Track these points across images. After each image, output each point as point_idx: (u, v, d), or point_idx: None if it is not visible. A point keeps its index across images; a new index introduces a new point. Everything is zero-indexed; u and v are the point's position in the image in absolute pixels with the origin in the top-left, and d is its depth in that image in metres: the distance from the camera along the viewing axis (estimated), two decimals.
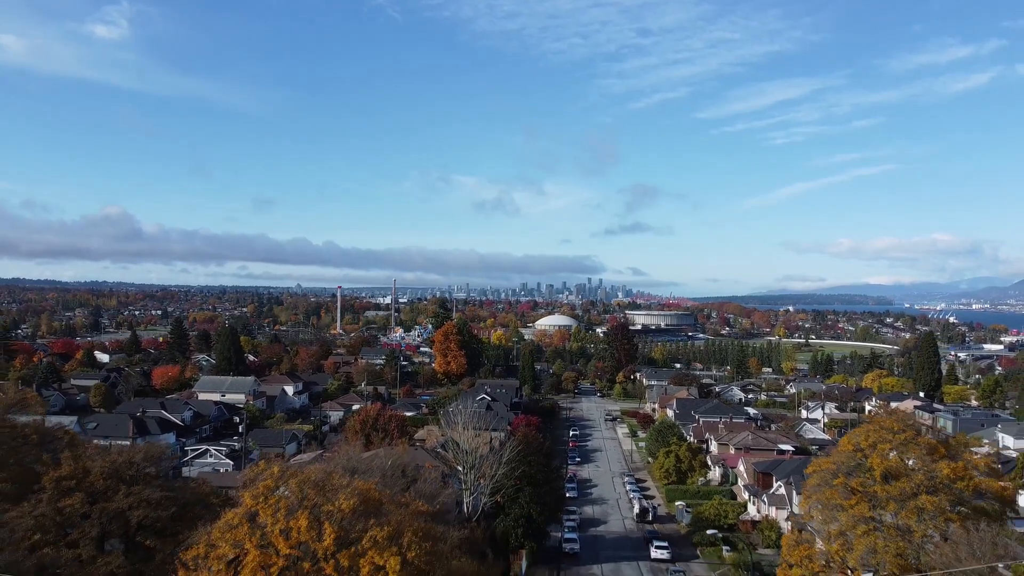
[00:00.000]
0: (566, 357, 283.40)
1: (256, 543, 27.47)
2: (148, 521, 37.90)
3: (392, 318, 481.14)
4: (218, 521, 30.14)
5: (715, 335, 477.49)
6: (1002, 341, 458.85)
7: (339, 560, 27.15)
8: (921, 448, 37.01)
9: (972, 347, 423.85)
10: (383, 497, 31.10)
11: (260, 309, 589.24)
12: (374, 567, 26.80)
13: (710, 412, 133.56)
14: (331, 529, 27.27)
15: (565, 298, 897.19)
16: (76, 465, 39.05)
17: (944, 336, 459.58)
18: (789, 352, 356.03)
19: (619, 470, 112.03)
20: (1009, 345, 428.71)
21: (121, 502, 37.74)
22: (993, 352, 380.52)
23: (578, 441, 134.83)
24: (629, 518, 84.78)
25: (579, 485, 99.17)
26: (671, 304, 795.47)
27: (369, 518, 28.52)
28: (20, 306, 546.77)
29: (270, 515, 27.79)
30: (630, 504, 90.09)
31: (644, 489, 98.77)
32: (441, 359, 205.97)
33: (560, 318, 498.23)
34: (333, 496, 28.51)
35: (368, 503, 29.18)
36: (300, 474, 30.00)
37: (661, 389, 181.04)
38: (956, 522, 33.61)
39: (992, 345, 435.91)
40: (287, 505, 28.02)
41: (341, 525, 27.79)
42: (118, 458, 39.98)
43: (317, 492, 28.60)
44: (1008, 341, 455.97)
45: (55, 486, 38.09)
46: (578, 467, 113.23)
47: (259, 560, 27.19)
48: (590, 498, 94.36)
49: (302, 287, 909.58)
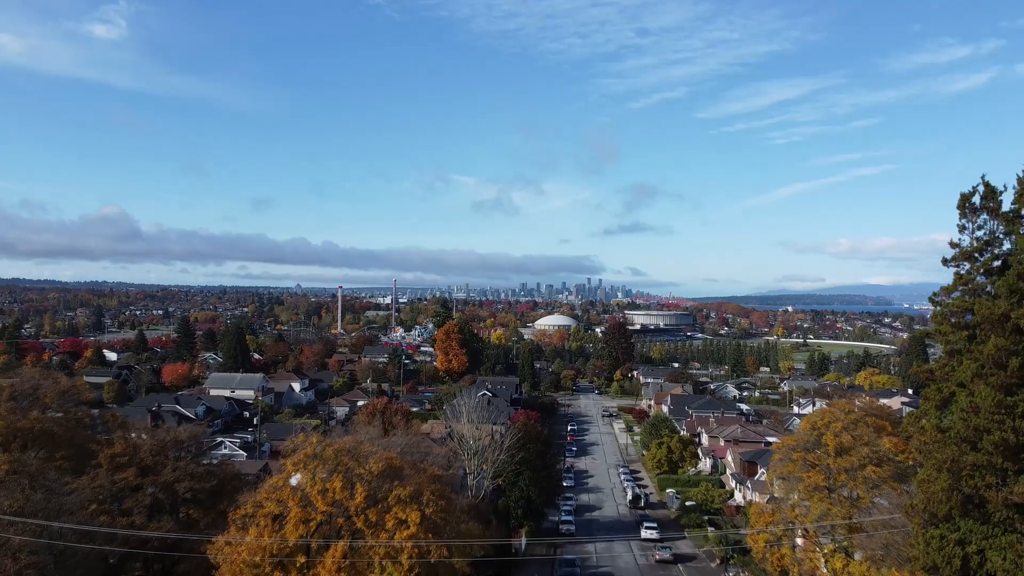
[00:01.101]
0: (565, 356, 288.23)
1: (298, 502, 32.59)
2: (192, 493, 42.98)
3: (393, 318, 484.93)
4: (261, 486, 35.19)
5: (713, 335, 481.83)
6: None
7: (368, 515, 32.28)
8: (868, 427, 42.07)
9: None
10: (404, 464, 36.28)
11: (261, 309, 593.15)
12: (398, 521, 31.91)
13: (703, 407, 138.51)
14: (362, 489, 32.41)
15: (564, 298, 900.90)
16: (128, 443, 44.12)
17: None
18: (787, 351, 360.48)
19: (614, 462, 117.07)
20: None
21: (168, 475, 42.84)
22: None
23: (576, 435, 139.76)
24: (623, 504, 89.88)
25: (576, 476, 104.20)
26: (670, 304, 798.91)
27: (393, 480, 33.70)
28: (22, 306, 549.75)
29: (309, 477, 32.94)
30: (624, 492, 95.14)
31: (638, 479, 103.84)
32: (443, 357, 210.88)
33: (559, 318, 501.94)
34: (364, 461, 33.65)
35: (392, 468, 34.29)
36: (335, 444, 35.13)
37: (657, 386, 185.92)
38: (897, 490, 38.63)
39: None
40: (323, 470, 33.14)
41: (370, 486, 32.94)
42: (166, 436, 45.14)
43: (350, 458, 33.67)
44: None
45: (110, 462, 43.19)
46: (575, 459, 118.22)
47: (300, 516, 32.31)
48: (586, 487, 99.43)
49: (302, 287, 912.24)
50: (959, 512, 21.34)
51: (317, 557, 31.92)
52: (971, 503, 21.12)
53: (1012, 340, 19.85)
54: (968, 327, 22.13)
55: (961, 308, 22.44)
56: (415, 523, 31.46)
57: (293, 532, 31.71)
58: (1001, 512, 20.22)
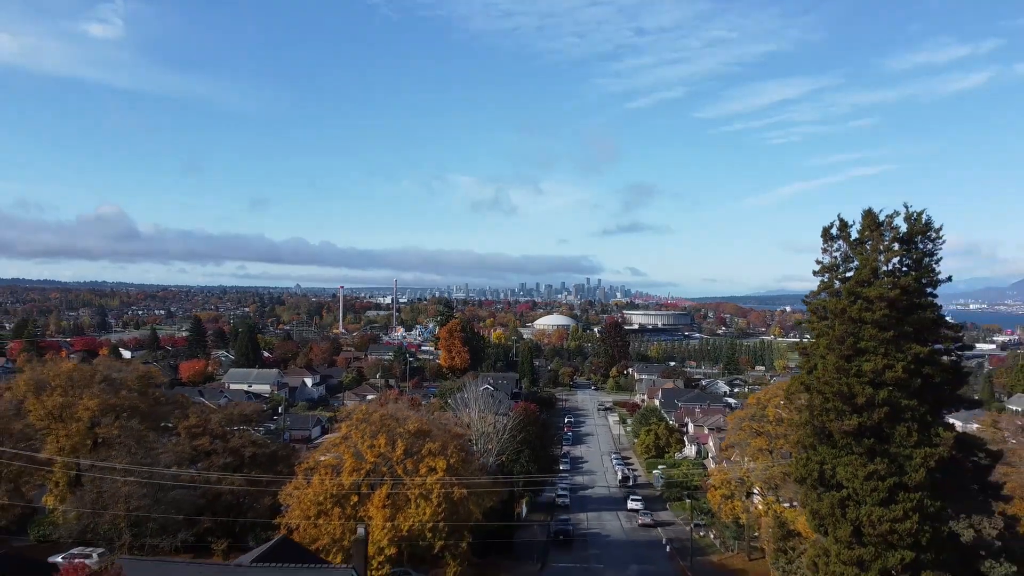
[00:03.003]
0: (564, 356, 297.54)
1: (351, 454, 42.34)
2: (255, 457, 52.81)
3: (393, 318, 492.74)
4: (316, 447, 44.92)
5: (711, 334, 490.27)
6: (994, 341, 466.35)
7: (406, 464, 42.02)
8: (801, 400, 51.73)
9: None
10: (432, 426, 46.04)
11: (262, 309, 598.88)
12: (429, 468, 41.63)
13: (691, 400, 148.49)
14: (401, 444, 42.13)
15: (564, 298, 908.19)
16: (200, 417, 53.98)
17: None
18: (782, 351, 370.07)
19: (608, 450, 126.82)
20: (1001, 344, 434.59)
21: (236, 442, 52.66)
22: (985, 351, 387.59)
23: (572, 427, 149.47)
24: (613, 485, 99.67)
25: (572, 461, 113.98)
26: (669, 304, 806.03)
27: (424, 438, 43.46)
28: (24, 306, 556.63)
29: (360, 435, 42.67)
30: (615, 474, 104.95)
31: (628, 463, 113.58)
32: (446, 354, 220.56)
33: (558, 318, 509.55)
34: (402, 423, 43.40)
35: (423, 429, 44.01)
36: (380, 410, 44.92)
37: (650, 382, 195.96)
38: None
39: (984, 345, 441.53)
40: (371, 430, 42.88)
41: (407, 441, 42.67)
42: (233, 410, 54.98)
43: (392, 421, 43.43)
44: (1000, 340, 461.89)
45: (187, 431, 53.04)
46: (572, 447, 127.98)
47: (353, 465, 42.07)
48: (581, 470, 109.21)
49: (301, 287, 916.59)
50: (816, 441, 30.90)
51: (366, 496, 41.57)
52: (823, 434, 30.58)
53: (849, 327, 29.39)
54: (826, 318, 31.73)
55: (822, 306, 32.04)
56: (442, 469, 41.12)
57: (348, 477, 41.33)
58: (842, 439, 29.81)
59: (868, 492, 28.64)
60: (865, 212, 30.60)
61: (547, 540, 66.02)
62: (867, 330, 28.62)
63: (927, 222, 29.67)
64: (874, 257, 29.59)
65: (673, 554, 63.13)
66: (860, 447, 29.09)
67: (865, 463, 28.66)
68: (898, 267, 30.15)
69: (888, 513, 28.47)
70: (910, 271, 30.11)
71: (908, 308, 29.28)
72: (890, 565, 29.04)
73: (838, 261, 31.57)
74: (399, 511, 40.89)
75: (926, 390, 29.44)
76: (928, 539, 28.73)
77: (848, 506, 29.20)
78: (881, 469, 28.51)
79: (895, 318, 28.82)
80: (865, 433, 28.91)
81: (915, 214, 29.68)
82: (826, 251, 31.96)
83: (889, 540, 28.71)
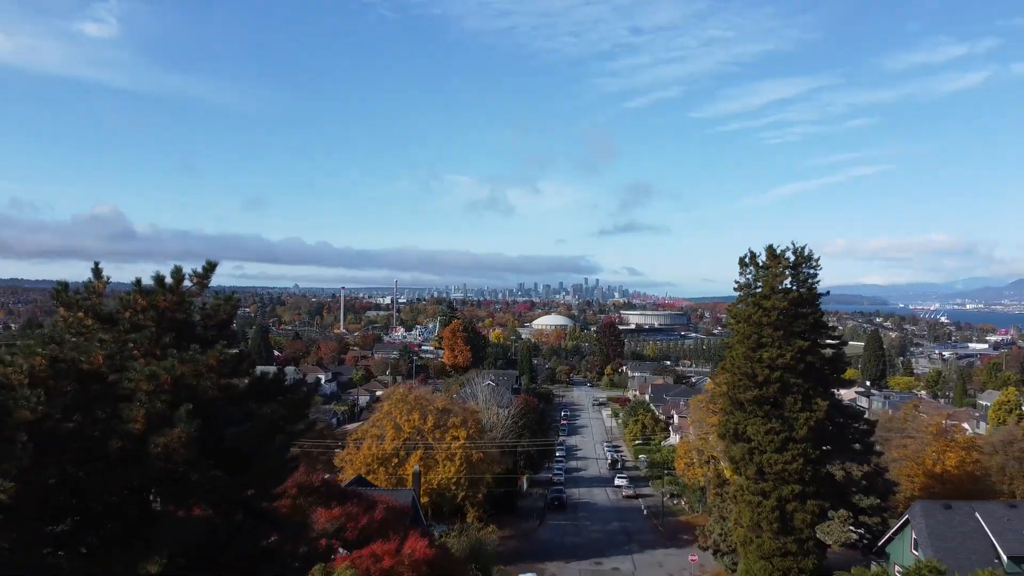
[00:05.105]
0: (562, 355, 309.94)
1: (392, 426, 54.82)
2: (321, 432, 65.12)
3: (393, 318, 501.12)
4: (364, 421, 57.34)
5: (707, 334, 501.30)
6: (988, 340, 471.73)
7: (435, 434, 54.57)
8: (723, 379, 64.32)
9: (958, 346, 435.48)
10: (454, 405, 58.58)
11: (262, 309, 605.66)
12: (452, 436, 54.13)
13: (678, 395, 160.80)
14: (431, 418, 54.67)
15: (562, 298, 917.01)
16: None
17: (931, 335, 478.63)
18: None
19: (600, 439, 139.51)
20: (994, 344, 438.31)
21: None
22: (978, 351, 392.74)
23: (568, 419, 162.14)
24: (604, 468, 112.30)
25: (567, 449, 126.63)
26: (666, 304, 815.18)
27: (448, 414, 55.98)
28: (26, 306, 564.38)
29: (398, 412, 55.17)
30: (606, 460, 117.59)
31: (618, 450, 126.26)
32: (449, 353, 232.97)
33: (557, 318, 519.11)
34: (432, 401, 55.95)
35: (447, 407, 56.51)
36: (414, 392, 57.46)
37: (642, 379, 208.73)
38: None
39: (977, 344, 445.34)
40: (407, 408, 55.35)
41: (435, 416, 55.19)
42: None
43: (424, 400, 55.95)
44: (993, 340, 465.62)
45: None
46: (567, 437, 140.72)
47: (393, 435, 54.55)
48: (575, 457, 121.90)
49: (300, 287, 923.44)
50: (732, 407, 43.56)
51: (404, 459, 53.95)
52: (737, 403, 43.23)
53: (754, 327, 42.05)
54: (740, 322, 44.36)
55: (738, 313, 44.73)
56: (463, 437, 53.59)
57: (390, 444, 53.73)
58: (749, 406, 42.41)
59: (767, 443, 41.26)
60: (767, 247, 43.49)
61: (544, 505, 78.79)
62: (766, 330, 41.25)
63: (808, 254, 42.45)
64: (772, 278, 42.23)
65: (649, 516, 76.26)
66: (761, 411, 41.73)
67: (765, 423, 41.30)
68: (789, 286, 42.87)
69: (781, 458, 41.12)
70: (797, 288, 42.87)
71: (795, 315, 42.01)
72: (784, 495, 41.69)
73: (750, 281, 44.23)
74: (430, 470, 53.33)
75: (810, 372, 42.12)
76: (810, 476, 41.41)
77: (754, 453, 41.84)
78: (776, 427, 41.16)
79: (785, 321, 41.45)
80: (765, 402, 41.52)
81: (799, 248, 42.49)
82: (742, 274, 44.78)
83: (783, 477, 41.37)
